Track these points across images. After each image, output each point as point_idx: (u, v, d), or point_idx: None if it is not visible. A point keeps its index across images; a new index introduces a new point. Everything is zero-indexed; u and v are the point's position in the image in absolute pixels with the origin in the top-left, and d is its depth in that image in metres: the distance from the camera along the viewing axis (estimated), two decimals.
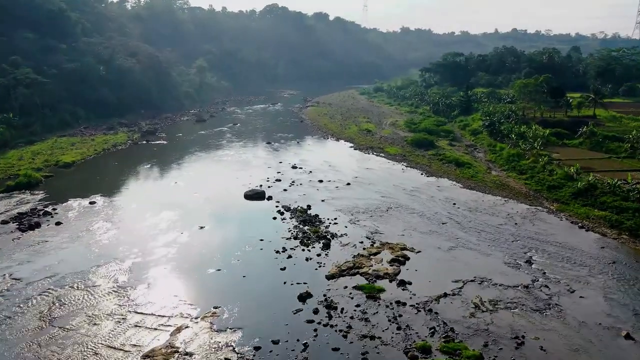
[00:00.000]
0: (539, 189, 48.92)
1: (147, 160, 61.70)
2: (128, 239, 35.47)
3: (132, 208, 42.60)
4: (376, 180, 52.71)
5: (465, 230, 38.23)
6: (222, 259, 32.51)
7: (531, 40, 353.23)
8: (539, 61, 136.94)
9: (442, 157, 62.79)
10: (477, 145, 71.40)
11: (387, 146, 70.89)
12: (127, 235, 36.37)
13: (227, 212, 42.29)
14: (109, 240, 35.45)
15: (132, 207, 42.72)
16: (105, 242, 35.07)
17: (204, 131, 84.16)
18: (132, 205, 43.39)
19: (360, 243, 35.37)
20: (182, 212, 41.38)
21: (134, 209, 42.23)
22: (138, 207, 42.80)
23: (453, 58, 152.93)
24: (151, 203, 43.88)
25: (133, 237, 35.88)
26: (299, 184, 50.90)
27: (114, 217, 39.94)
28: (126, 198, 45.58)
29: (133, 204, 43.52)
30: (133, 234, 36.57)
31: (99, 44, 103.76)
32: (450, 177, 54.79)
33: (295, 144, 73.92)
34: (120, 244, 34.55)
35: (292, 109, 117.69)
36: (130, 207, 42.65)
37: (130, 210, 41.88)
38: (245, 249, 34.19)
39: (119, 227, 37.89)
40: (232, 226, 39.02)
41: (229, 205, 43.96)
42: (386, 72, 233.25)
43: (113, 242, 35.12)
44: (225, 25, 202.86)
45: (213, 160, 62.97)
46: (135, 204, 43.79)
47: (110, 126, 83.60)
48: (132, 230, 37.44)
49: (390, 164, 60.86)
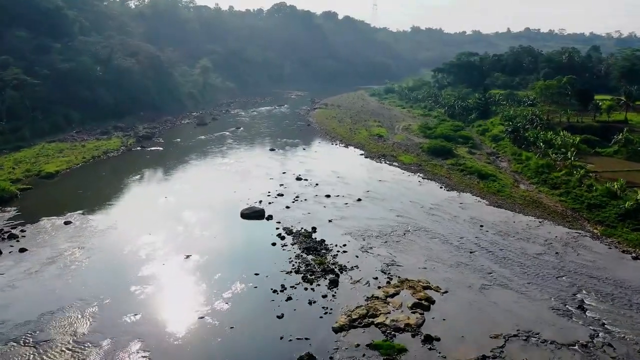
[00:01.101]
0: (578, 208, 42.81)
1: (139, 169, 56.35)
2: (99, 274, 29.97)
3: (112, 230, 37.11)
4: (390, 196, 46.90)
5: (498, 262, 32.36)
6: (207, 302, 26.88)
7: (544, 39, 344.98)
8: (558, 61, 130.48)
9: (463, 167, 56.78)
10: (500, 154, 65.25)
11: (401, 154, 65.00)
12: (99, 267, 30.90)
13: (219, 235, 36.68)
14: (75, 274, 29.91)
15: (111, 229, 37.24)
16: (71, 277, 29.50)
17: (203, 136, 78.77)
18: (113, 226, 37.91)
19: (374, 279, 29.64)
20: (168, 236, 35.90)
21: (113, 232, 36.75)
22: (118, 229, 37.37)
23: (467, 58, 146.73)
24: (134, 224, 38.44)
25: (106, 271, 30.43)
26: (303, 200, 45.22)
27: (89, 243, 34.48)
28: (107, 217, 40.15)
29: (114, 225, 38.03)
30: (106, 266, 31.11)
31: (97, 43, 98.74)
32: (473, 191, 48.84)
33: (301, 151, 68.25)
34: (89, 280, 29.04)
35: (299, 111, 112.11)
36: (109, 229, 37.16)
37: (109, 234, 36.40)
38: (237, 287, 28.53)
39: (91, 255, 32.41)
40: (224, 255, 33.39)
41: (222, 227, 38.37)
42: (396, 72, 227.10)
43: (80, 277, 29.59)
44: (231, 24, 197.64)
45: (210, 170, 57.45)
46: (117, 224, 38.33)
47: (104, 130, 78.48)
48: (106, 260, 31.97)
49: (405, 175, 54.99)
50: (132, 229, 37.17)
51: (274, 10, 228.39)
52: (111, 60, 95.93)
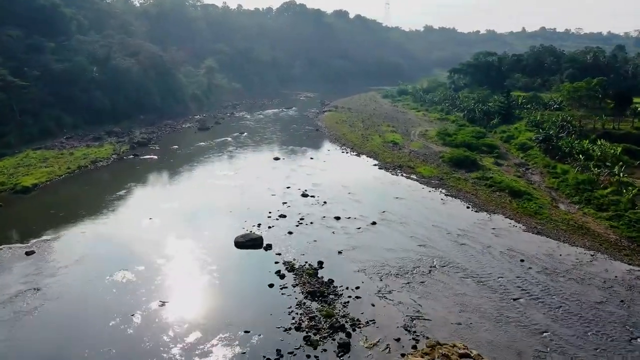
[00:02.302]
0: (635, 237, 36.01)
1: (126, 183, 50.44)
2: (50, 331, 23.91)
3: (78, 267, 31.02)
4: (410, 217, 40.43)
5: (551, 315, 25.78)
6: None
7: (561, 39, 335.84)
8: (582, 61, 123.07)
9: (491, 182, 50.05)
10: (530, 165, 58.34)
11: (419, 165, 58.44)
12: (52, 321, 24.80)
13: (206, 272, 30.52)
14: (14, 332, 23.82)
15: (78, 265, 31.19)
16: (7, 338, 23.39)
17: (204, 142, 72.83)
18: (81, 259, 31.88)
19: (395, 341, 23.27)
20: (144, 274, 29.77)
21: (78, 269, 30.59)
22: (87, 262, 31.35)
23: (485, 58, 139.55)
24: (107, 257, 32.38)
25: (60, 327, 24.38)
26: (309, 222, 38.92)
27: (46, 284, 28.44)
28: (77, 245, 34.15)
29: (82, 259, 31.99)
30: (62, 320, 25.05)
31: (94, 42, 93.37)
32: (505, 212, 42.18)
33: (308, 160, 61.95)
34: (30, 341, 22.97)
35: (308, 114, 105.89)
36: (75, 265, 31.10)
37: (74, 271, 30.22)
38: (218, 353, 22.30)
39: (45, 302, 26.32)
40: (207, 302, 27.18)
41: (211, 260, 32.18)
42: (409, 72, 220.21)
43: (20, 336, 23.51)
44: (239, 23, 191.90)
45: (206, 184, 51.29)
46: (86, 255, 32.34)
47: (97, 136, 72.83)
48: (61, 307, 25.89)
49: (426, 191, 48.46)
50: (102, 264, 31.01)
51: (283, 9, 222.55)
52: (109, 60, 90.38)
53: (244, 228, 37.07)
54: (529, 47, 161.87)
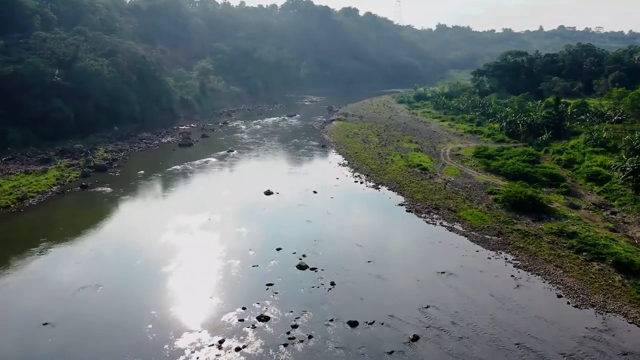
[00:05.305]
0: None
1: (51, 238, 34.94)
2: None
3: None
4: (471, 323, 24.56)
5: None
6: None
7: (581, 38, 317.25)
8: (630, 62, 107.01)
9: (578, 242, 33.62)
10: (615, 207, 42.16)
11: (463, 205, 42.46)
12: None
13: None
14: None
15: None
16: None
17: (179, 165, 57.41)
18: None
19: None
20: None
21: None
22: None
23: (514, 58, 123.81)
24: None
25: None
26: (305, 338, 23.16)
27: None
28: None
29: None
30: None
31: (60, 40, 78.47)
32: (625, 307, 26.15)
33: (310, 196, 46.22)
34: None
35: (313, 124, 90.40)
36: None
37: None
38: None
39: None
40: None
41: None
42: (424, 73, 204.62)
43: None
44: (241, 21, 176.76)
45: (159, 242, 35.29)
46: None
47: (46, 157, 57.64)
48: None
49: (483, 258, 32.52)
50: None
51: (288, 6, 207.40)
52: (75, 61, 75.32)
53: (190, 351, 21.56)
54: (546, 46, 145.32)
